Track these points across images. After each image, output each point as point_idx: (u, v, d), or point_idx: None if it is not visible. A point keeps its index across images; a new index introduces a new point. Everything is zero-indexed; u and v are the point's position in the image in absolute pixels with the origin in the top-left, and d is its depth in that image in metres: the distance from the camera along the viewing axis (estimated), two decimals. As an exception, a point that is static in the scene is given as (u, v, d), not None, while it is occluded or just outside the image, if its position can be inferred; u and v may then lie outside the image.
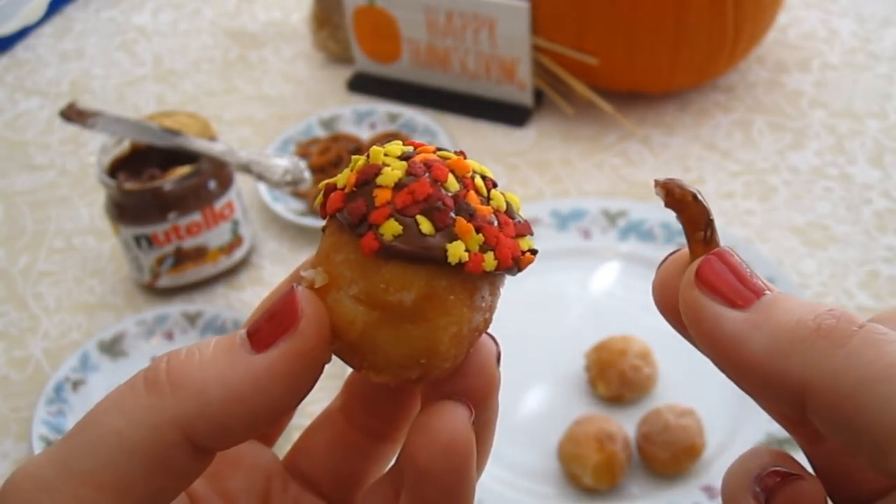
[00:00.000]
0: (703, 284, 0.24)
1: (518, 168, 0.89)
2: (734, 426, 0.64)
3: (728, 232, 0.77)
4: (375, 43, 0.98)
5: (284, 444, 0.33)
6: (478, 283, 0.26)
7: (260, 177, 0.73)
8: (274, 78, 1.05)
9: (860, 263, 0.76)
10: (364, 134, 0.94)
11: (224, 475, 0.29)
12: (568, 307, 0.74)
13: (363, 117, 0.95)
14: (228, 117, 1.00)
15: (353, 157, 0.27)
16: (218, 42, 1.12)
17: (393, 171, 0.25)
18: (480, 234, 0.25)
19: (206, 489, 0.29)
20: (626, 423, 0.63)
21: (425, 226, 0.24)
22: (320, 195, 0.27)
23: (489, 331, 0.27)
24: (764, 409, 0.27)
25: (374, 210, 0.25)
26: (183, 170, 0.73)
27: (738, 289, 0.23)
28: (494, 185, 0.27)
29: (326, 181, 0.27)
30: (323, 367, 0.25)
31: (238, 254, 0.79)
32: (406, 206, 0.25)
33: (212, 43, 1.12)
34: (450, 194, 0.25)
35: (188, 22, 1.17)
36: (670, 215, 0.87)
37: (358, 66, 1.02)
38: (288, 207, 0.84)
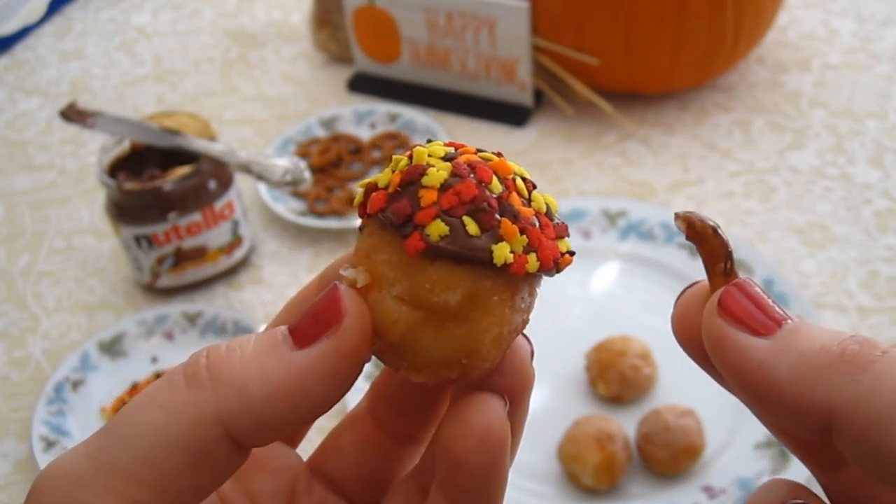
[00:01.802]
0: (726, 314, 0.24)
1: (518, 168, 0.89)
2: (734, 426, 0.64)
3: (728, 232, 0.77)
4: (375, 43, 0.98)
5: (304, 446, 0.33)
6: (520, 284, 0.26)
7: (260, 177, 0.73)
8: (274, 78, 1.05)
9: (860, 263, 0.76)
10: (364, 134, 0.94)
11: (249, 476, 0.29)
12: (568, 307, 0.74)
13: (363, 117, 0.95)
14: (228, 117, 1.00)
15: (395, 157, 0.27)
16: (218, 42, 1.12)
17: (438, 172, 0.25)
18: (524, 236, 0.25)
19: (233, 490, 0.29)
20: (626, 424, 0.63)
21: (471, 227, 0.25)
22: (360, 195, 0.27)
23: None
24: (782, 439, 0.27)
25: (419, 210, 0.25)
26: (183, 170, 0.73)
27: (761, 318, 0.24)
28: (534, 187, 0.27)
29: (367, 181, 0.27)
30: (363, 366, 0.25)
31: (238, 254, 0.79)
32: (452, 207, 0.25)
33: (212, 43, 1.12)
34: (494, 196, 0.25)
35: (188, 22, 1.17)
36: (670, 215, 0.87)
37: (358, 66, 1.02)
38: (288, 207, 0.84)
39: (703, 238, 0.26)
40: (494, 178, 0.26)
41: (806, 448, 0.27)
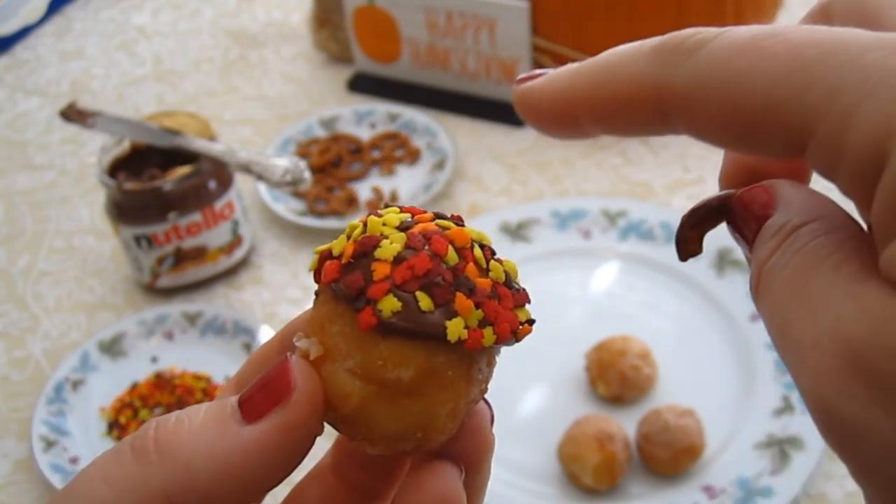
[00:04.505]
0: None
1: (518, 168, 0.89)
2: (734, 426, 0.64)
3: (728, 232, 0.77)
4: (375, 43, 0.98)
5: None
6: (476, 357, 0.25)
7: (260, 177, 0.74)
8: (274, 78, 1.05)
9: (860, 263, 0.76)
10: (364, 134, 0.94)
11: None
12: (568, 307, 0.74)
13: (363, 117, 0.95)
14: (228, 117, 1.00)
15: (350, 224, 0.26)
16: (218, 42, 1.12)
17: (392, 245, 0.25)
18: (480, 310, 0.25)
19: None
20: (626, 424, 0.63)
21: (424, 302, 0.24)
22: (314, 261, 0.27)
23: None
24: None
25: (372, 284, 0.24)
26: (183, 170, 0.74)
27: None
28: (493, 254, 0.27)
29: (321, 248, 0.27)
30: (315, 439, 0.25)
31: (238, 254, 0.79)
32: (405, 282, 0.24)
33: (212, 43, 1.12)
34: (449, 268, 0.25)
35: (188, 22, 1.17)
36: (670, 215, 0.86)
37: (358, 66, 1.02)
38: (288, 207, 0.84)
39: (724, 211, 0.25)
40: (450, 249, 0.25)
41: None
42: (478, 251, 0.26)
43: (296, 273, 0.80)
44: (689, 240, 0.26)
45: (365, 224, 0.26)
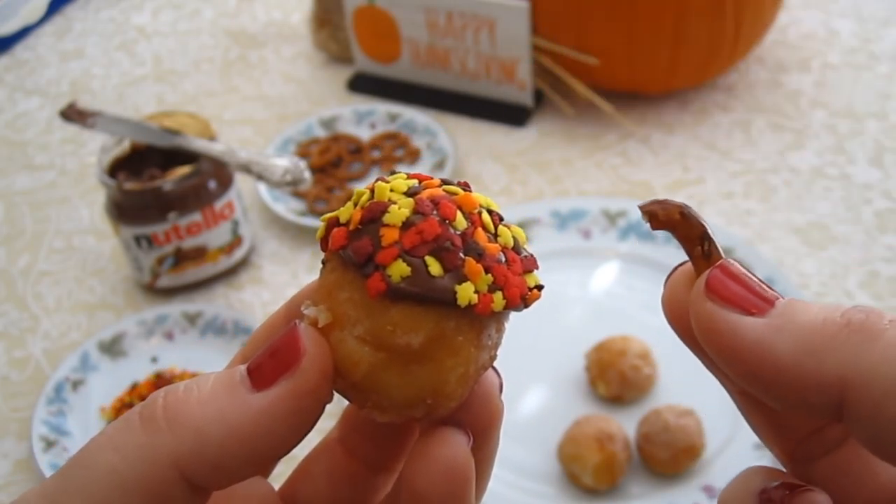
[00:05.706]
0: (715, 295, 0.23)
1: (518, 168, 0.89)
2: (734, 426, 0.64)
3: (728, 232, 0.77)
4: (375, 43, 0.98)
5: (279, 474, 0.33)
6: (486, 322, 0.25)
7: (260, 177, 0.73)
8: (274, 78, 1.05)
9: (860, 263, 0.76)
10: (364, 134, 0.94)
11: None
12: (568, 307, 0.74)
13: (363, 117, 0.95)
14: (228, 117, 1.00)
15: (356, 190, 0.26)
16: (218, 42, 1.12)
17: (400, 210, 0.24)
18: (489, 275, 0.24)
19: None
20: (626, 424, 0.63)
21: (434, 267, 0.24)
22: (321, 229, 0.26)
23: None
24: (760, 432, 0.27)
25: (380, 250, 0.24)
26: (183, 170, 0.74)
27: (751, 298, 0.23)
28: (501, 219, 0.27)
29: (328, 215, 0.26)
30: (324, 406, 0.25)
31: (238, 254, 0.79)
32: (414, 247, 0.24)
33: (212, 43, 1.12)
34: (458, 233, 0.25)
35: (188, 22, 1.17)
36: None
37: (358, 66, 1.02)
38: (288, 207, 0.84)
39: (673, 225, 0.25)
40: (459, 214, 0.25)
41: (783, 441, 0.26)
42: (486, 216, 0.26)
43: (296, 273, 0.80)
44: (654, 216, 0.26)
45: (372, 191, 0.26)
